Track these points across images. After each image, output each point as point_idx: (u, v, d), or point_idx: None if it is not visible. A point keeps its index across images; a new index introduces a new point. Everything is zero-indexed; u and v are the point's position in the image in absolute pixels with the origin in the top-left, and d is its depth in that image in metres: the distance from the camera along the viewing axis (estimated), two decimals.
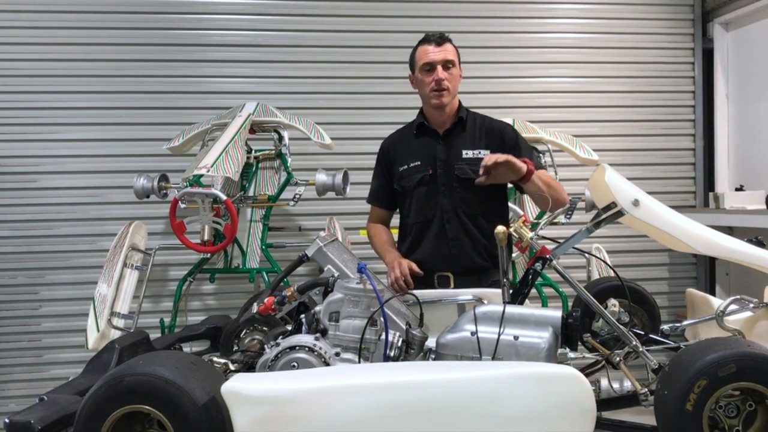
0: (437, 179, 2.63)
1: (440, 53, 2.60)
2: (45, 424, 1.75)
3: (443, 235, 2.62)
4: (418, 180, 2.64)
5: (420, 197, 2.65)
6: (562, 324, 1.93)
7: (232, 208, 3.17)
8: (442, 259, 2.62)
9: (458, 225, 2.62)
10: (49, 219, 4.07)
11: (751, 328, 2.30)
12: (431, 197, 2.63)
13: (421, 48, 2.64)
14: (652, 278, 4.49)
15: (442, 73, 2.59)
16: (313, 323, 2.04)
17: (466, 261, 2.62)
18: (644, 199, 2.09)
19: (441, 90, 2.60)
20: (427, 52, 2.61)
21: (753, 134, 4.45)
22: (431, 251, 2.63)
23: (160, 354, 2.02)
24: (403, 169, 2.69)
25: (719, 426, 1.79)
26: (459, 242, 2.61)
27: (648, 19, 4.57)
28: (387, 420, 1.62)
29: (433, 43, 2.61)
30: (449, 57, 2.61)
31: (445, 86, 2.60)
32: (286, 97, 4.21)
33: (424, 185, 2.64)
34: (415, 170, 2.66)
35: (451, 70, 2.62)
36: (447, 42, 2.63)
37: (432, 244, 2.63)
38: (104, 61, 4.12)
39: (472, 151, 2.65)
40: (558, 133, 3.91)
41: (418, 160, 2.67)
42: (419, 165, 2.66)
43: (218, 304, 4.18)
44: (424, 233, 2.65)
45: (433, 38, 2.62)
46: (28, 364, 4.06)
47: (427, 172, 2.64)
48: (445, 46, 2.62)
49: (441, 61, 2.59)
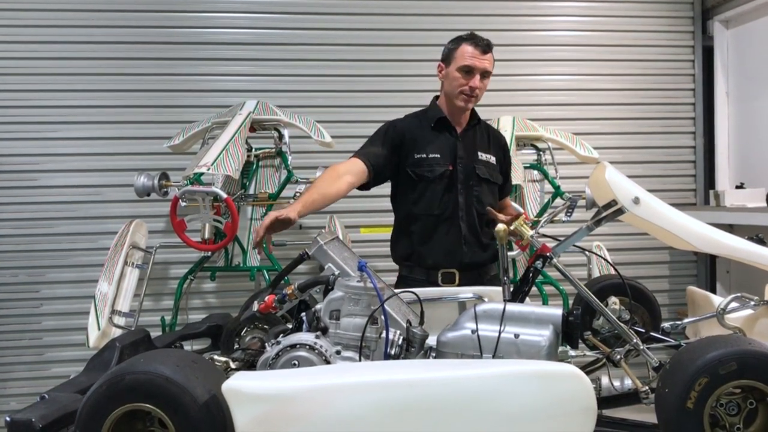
0: (456, 176, 2.67)
1: (484, 62, 2.62)
2: (46, 423, 1.75)
3: (457, 231, 2.65)
4: (440, 173, 2.66)
5: (437, 191, 2.67)
6: (563, 322, 1.93)
7: (232, 207, 3.17)
8: (453, 255, 2.66)
9: (472, 222, 2.67)
10: (49, 217, 4.08)
11: (752, 326, 2.30)
12: (448, 193, 2.67)
13: (465, 47, 2.63)
14: (653, 276, 4.50)
15: (479, 82, 2.62)
16: (314, 321, 2.04)
17: (473, 258, 2.67)
18: (645, 197, 2.09)
19: (471, 96, 2.64)
20: (472, 56, 2.61)
21: (753, 132, 4.45)
22: (443, 247, 2.65)
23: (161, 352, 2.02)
24: (421, 157, 2.68)
25: (720, 424, 1.79)
26: (470, 239, 2.67)
27: (648, 17, 4.56)
28: (388, 418, 1.62)
29: (480, 49, 2.61)
30: (489, 68, 2.65)
31: (476, 94, 2.65)
32: (287, 95, 4.21)
33: (445, 179, 2.66)
34: (435, 162, 2.67)
35: (485, 80, 2.67)
36: (491, 52, 2.66)
37: (444, 239, 2.66)
38: (105, 60, 4.12)
39: (485, 155, 2.74)
40: (558, 131, 3.92)
41: (438, 153, 2.68)
42: (439, 158, 2.68)
43: (219, 303, 4.19)
44: (437, 228, 2.67)
45: (480, 44, 2.62)
46: (29, 362, 4.07)
47: (447, 167, 2.66)
48: (489, 56, 2.65)
49: (482, 69, 2.62)
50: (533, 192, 3.87)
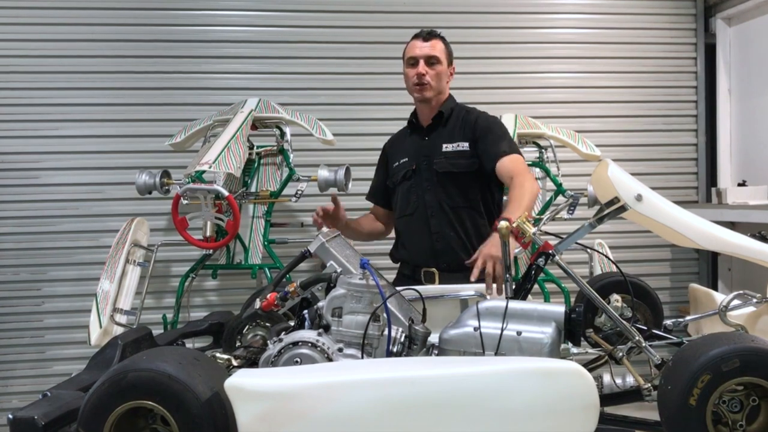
0: (421, 174, 2.67)
1: (425, 48, 2.63)
2: (48, 420, 1.75)
3: (426, 229, 2.65)
4: (402, 175, 2.71)
5: (403, 192, 2.71)
6: (565, 319, 1.93)
7: (234, 204, 3.17)
8: (426, 254, 2.65)
9: (444, 219, 2.64)
10: (51, 215, 4.07)
11: (754, 323, 2.30)
12: (413, 192, 2.68)
13: (410, 43, 2.69)
14: (655, 273, 4.49)
15: (423, 68, 2.63)
16: (316, 319, 2.04)
17: (451, 257, 2.62)
18: (647, 194, 2.09)
19: (421, 84, 2.63)
20: (413, 47, 2.66)
21: (755, 129, 4.44)
22: (415, 246, 2.67)
23: (163, 350, 2.02)
24: (395, 165, 2.77)
25: (722, 421, 1.79)
26: (444, 236, 2.64)
27: (650, 14, 4.55)
28: (390, 415, 1.62)
29: (420, 39, 2.65)
30: (433, 53, 2.64)
31: (425, 81, 2.62)
32: (288, 93, 4.21)
33: (408, 180, 2.70)
34: (402, 167, 2.72)
35: (435, 66, 2.64)
36: (435, 38, 2.66)
37: (415, 238, 2.67)
38: (106, 57, 4.11)
39: (451, 145, 2.65)
40: (560, 128, 3.91)
41: (406, 157, 2.73)
42: (406, 161, 2.72)
43: (220, 300, 4.19)
44: (407, 228, 2.71)
45: (421, 34, 2.66)
46: (31, 360, 4.07)
47: (411, 167, 2.69)
48: (432, 42, 2.65)
49: (424, 56, 2.63)
50: None
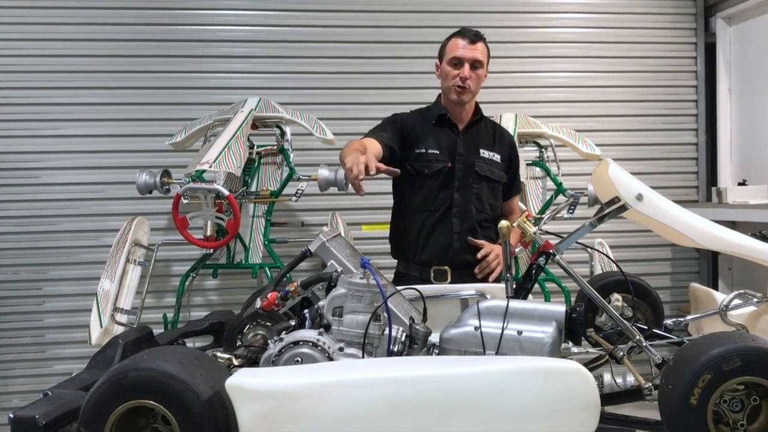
0: (454, 173, 2.66)
1: (471, 51, 2.60)
2: (49, 420, 1.75)
3: (449, 228, 2.64)
4: (438, 169, 2.65)
5: (434, 186, 2.66)
6: (566, 319, 1.93)
7: (234, 204, 3.17)
8: (444, 252, 2.64)
9: (468, 220, 2.65)
10: (51, 215, 4.08)
11: (755, 323, 2.30)
12: (444, 189, 2.66)
13: (454, 41, 2.64)
14: (655, 273, 4.49)
15: (468, 72, 2.60)
16: (317, 318, 2.04)
17: (465, 255, 2.65)
18: (648, 194, 2.09)
19: (463, 88, 2.61)
20: (458, 47, 2.61)
21: (756, 129, 4.44)
22: (435, 243, 2.65)
23: (163, 349, 2.02)
24: (421, 152, 2.68)
25: (723, 420, 1.79)
26: (463, 237, 2.65)
27: (650, 14, 4.55)
28: (391, 415, 1.62)
29: (467, 39, 2.60)
30: (479, 57, 2.61)
31: (468, 85, 2.61)
32: (288, 92, 4.21)
33: (442, 175, 2.65)
34: (434, 158, 2.66)
35: (478, 71, 2.63)
36: (480, 41, 2.63)
37: (437, 236, 2.65)
38: (106, 57, 4.12)
39: (488, 152, 2.71)
40: (560, 128, 3.91)
41: (437, 149, 2.67)
42: (438, 154, 2.67)
43: (221, 300, 4.19)
44: (430, 224, 2.66)
45: (467, 34, 2.61)
46: (32, 359, 4.07)
47: (446, 163, 2.66)
48: (478, 45, 2.62)
49: (470, 59, 2.60)
50: (535, 189, 3.86)
